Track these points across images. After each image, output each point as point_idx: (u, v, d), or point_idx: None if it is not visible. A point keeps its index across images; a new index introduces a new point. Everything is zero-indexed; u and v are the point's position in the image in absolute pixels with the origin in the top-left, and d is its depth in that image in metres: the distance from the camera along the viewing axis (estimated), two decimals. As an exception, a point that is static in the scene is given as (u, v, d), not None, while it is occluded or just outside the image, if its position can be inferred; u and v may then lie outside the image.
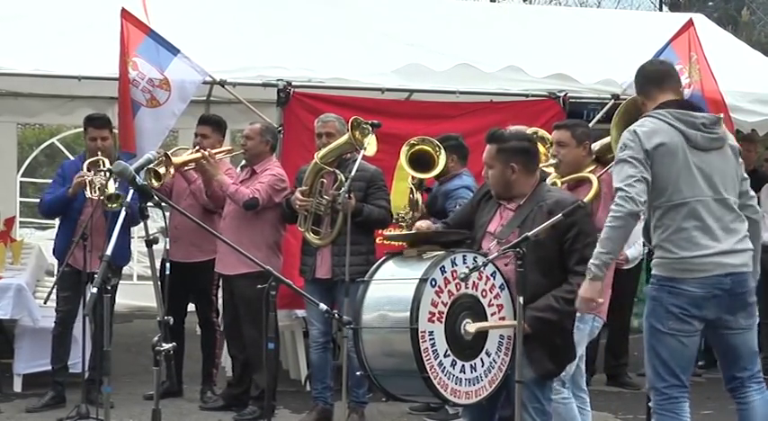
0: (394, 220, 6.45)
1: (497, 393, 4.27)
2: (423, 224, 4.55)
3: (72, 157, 6.67)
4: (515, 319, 4.05)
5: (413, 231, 4.54)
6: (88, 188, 6.37)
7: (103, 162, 6.46)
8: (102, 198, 6.27)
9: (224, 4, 8.51)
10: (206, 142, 6.69)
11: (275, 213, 6.45)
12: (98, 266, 6.19)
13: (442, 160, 6.39)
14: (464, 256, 4.11)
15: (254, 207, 6.32)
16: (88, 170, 6.45)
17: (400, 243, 4.75)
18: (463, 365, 4.01)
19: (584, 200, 4.82)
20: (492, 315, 4.12)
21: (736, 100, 7.67)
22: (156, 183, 6.41)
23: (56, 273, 6.76)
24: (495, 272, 4.16)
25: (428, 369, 3.90)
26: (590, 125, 6.03)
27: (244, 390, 6.63)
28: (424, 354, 3.89)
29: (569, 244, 4.19)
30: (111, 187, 6.25)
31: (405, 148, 6.40)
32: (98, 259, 6.10)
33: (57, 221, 7.02)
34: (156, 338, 3.66)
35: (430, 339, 3.92)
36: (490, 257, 4.07)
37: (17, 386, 7.00)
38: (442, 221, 4.89)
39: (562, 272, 4.22)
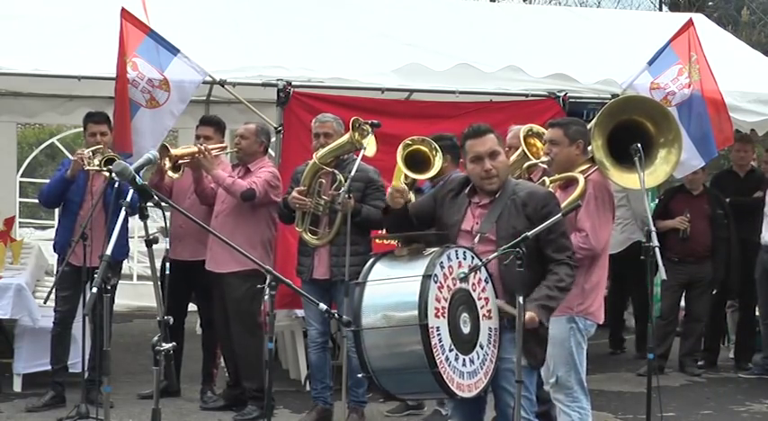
0: None
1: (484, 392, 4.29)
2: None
3: (72, 157, 6.64)
4: (500, 312, 4.16)
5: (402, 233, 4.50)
6: (85, 162, 6.37)
7: (103, 151, 6.47)
8: (101, 164, 6.30)
9: (224, 4, 8.50)
10: (209, 143, 6.67)
11: (269, 211, 6.45)
12: (98, 262, 6.26)
13: (438, 162, 6.35)
14: (456, 251, 4.13)
15: (251, 198, 6.31)
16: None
17: (392, 242, 4.72)
18: (464, 359, 4.04)
19: (569, 199, 4.82)
20: (481, 308, 4.16)
21: (736, 100, 7.68)
22: (174, 175, 6.46)
23: (55, 271, 6.74)
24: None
25: (438, 364, 3.91)
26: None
27: (243, 390, 6.62)
28: (434, 350, 3.91)
29: (545, 233, 4.19)
30: (107, 153, 6.35)
31: (401, 148, 6.36)
32: (98, 255, 6.15)
33: (56, 216, 6.99)
34: (155, 338, 3.66)
35: (437, 334, 3.94)
36: (490, 257, 4.08)
37: (17, 386, 7.00)
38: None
39: (540, 263, 4.25)
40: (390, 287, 4.13)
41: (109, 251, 3.80)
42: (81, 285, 6.28)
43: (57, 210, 7.09)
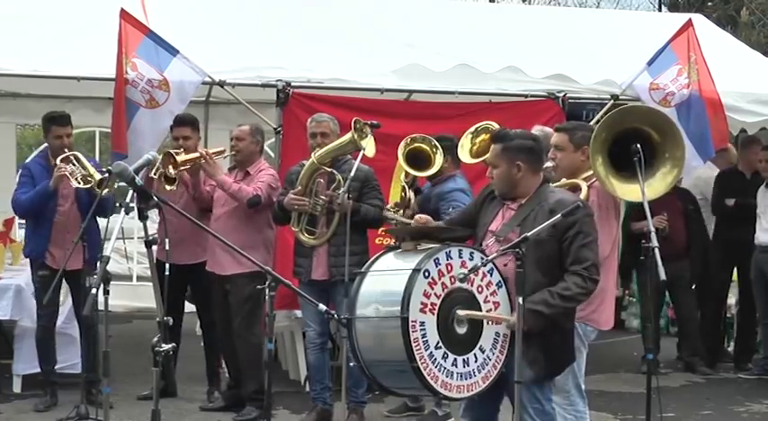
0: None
1: (498, 393, 4.27)
2: (423, 218, 4.53)
3: (55, 172, 6.53)
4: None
5: (413, 225, 4.51)
6: (71, 179, 6.35)
7: (76, 157, 6.46)
8: (91, 186, 6.28)
9: (224, 4, 8.50)
10: (189, 143, 6.63)
11: (269, 212, 6.45)
12: (78, 264, 6.21)
13: (438, 160, 6.37)
14: (460, 250, 4.10)
15: (257, 204, 6.32)
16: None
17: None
18: (455, 359, 4.00)
19: None
20: (488, 312, 4.11)
21: (735, 100, 7.68)
22: (169, 187, 6.43)
23: (33, 276, 6.68)
24: (492, 269, 4.14)
25: (418, 359, 3.88)
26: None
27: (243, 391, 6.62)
28: (414, 344, 3.88)
29: (567, 243, 4.18)
30: (96, 173, 6.32)
31: (402, 145, 6.38)
32: (80, 258, 6.20)
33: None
34: (155, 339, 3.66)
35: (421, 329, 3.91)
36: (490, 257, 4.06)
37: (17, 387, 7.00)
38: (442, 222, 4.87)
39: (562, 271, 4.20)
40: (385, 278, 4.14)
41: (108, 252, 3.80)
42: (59, 288, 6.27)
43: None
